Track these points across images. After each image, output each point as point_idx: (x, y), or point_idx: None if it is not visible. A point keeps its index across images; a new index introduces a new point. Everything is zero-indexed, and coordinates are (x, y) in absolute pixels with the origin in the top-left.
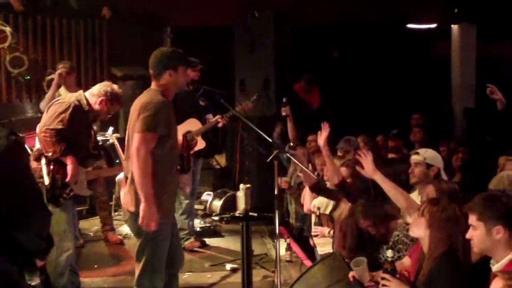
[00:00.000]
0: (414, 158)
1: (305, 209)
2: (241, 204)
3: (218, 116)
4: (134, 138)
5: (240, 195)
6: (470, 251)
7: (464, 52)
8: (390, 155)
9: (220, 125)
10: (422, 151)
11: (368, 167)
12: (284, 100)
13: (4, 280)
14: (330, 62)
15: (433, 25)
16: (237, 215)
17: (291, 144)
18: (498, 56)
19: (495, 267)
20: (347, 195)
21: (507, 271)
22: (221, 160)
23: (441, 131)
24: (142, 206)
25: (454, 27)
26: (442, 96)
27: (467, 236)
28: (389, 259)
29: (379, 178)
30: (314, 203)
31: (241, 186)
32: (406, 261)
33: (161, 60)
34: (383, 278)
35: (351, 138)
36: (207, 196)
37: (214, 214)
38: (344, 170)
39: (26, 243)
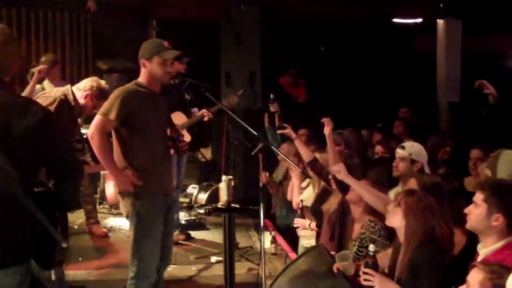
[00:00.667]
0: (399, 152)
1: (294, 205)
2: (224, 196)
3: (203, 110)
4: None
5: (223, 186)
6: (452, 243)
7: (449, 47)
8: (378, 149)
9: (206, 119)
10: (408, 145)
11: (341, 173)
12: (271, 96)
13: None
14: (316, 56)
15: (419, 20)
16: (220, 206)
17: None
18: (483, 50)
19: (484, 251)
20: (341, 187)
21: (488, 263)
22: (206, 153)
23: (426, 125)
24: (114, 181)
25: (440, 21)
26: (428, 90)
27: (466, 210)
28: (371, 253)
29: (353, 182)
30: (301, 196)
31: (224, 177)
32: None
33: (140, 50)
34: (365, 273)
35: (343, 132)
36: (192, 189)
37: (196, 205)
38: None
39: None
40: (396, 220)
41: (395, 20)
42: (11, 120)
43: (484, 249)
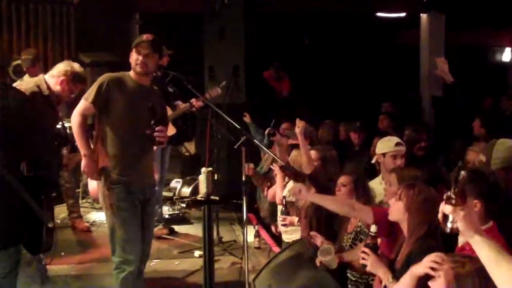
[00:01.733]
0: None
1: (278, 201)
2: (203, 188)
3: (193, 100)
4: None
5: (202, 178)
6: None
7: (432, 41)
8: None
9: (194, 108)
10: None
11: (304, 195)
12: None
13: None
14: (300, 50)
15: (402, 14)
16: (199, 199)
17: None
18: (466, 44)
19: (461, 240)
20: (317, 185)
21: (451, 254)
22: (190, 147)
23: (409, 119)
24: (83, 161)
25: (423, 16)
26: (411, 84)
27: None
28: (372, 234)
29: (317, 199)
30: (284, 192)
31: (203, 170)
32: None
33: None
34: (363, 252)
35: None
36: (176, 183)
37: (175, 198)
38: (314, 153)
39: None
40: (399, 214)
41: (379, 14)
42: None
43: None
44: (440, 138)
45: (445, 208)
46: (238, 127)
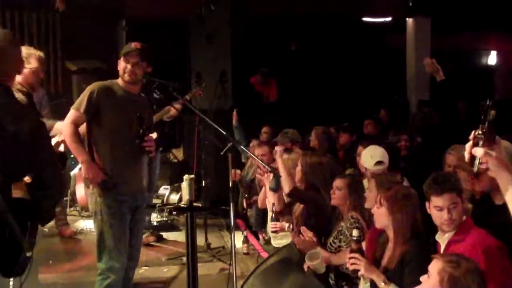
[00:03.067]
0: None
1: (268, 207)
2: (185, 195)
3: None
4: None
5: (184, 185)
6: None
7: (419, 45)
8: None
9: (172, 113)
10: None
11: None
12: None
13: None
14: (287, 55)
15: (388, 18)
16: (182, 206)
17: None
18: (452, 48)
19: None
20: (300, 201)
21: (446, 254)
22: (178, 154)
23: (396, 123)
24: (82, 168)
25: (409, 20)
26: (398, 88)
27: (452, 215)
28: (355, 239)
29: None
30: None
31: (185, 177)
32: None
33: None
34: (351, 258)
35: (289, 131)
36: (164, 190)
37: (158, 205)
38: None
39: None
40: (382, 219)
41: (365, 19)
42: (6, 121)
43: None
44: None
45: (476, 150)
46: (224, 133)
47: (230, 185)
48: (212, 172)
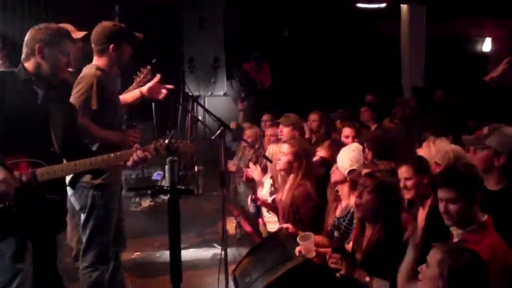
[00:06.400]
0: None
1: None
2: (168, 177)
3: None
4: None
5: (167, 167)
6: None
7: (413, 31)
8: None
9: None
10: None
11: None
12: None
13: None
14: (280, 41)
15: (383, 5)
16: (164, 188)
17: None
18: (447, 34)
19: (457, 233)
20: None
21: (446, 244)
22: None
23: (390, 110)
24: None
25: (403, 6)
26: (392, 74)
27: (447, 209)
28: (336, 239)
29: None
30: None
31: (168, 159)
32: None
33: (103, 34)
34: (332, 258)
35: (291, 115)
36: (157, 175)
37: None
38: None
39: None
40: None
41: (359, 5)
42: None
43: (458, 231)
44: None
45: None
46: (215, 117)
47: (221, 169)
48: (205, 158)
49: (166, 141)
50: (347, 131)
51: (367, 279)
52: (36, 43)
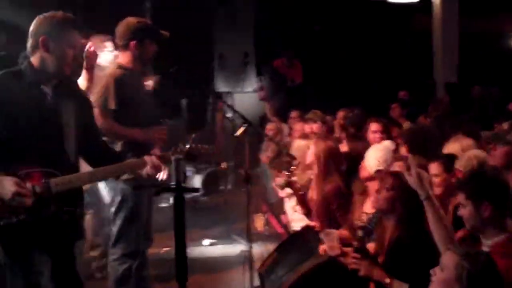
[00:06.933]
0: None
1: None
2: (173, 175)
3: None
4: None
5: (173, 166)
6: None
7: (446, 27)
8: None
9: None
10: None
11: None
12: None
13: None
14: (311, 36)
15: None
16: (170, 186)
17: None
18: (480, 30)
19: (487, 244)
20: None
21: (462, 246)
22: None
23: (423, 106)
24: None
25: (436, 1)
26: (425, 70)
27: (459, 213)
28: (358, 238)
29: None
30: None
31: (173, 158)
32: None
33: (126, 31)
34: (353, 257)
35: (317, 112)
36: (187, 171)
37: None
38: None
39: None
40: (385, 203)
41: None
42: None
43: (487, 241)
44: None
45: None
46: (241, 114)
47: (247, 167)
48: (232, 156)
49: (187, 147)
50: (374, 126)
51: (387, 280)
52: (40, 36)
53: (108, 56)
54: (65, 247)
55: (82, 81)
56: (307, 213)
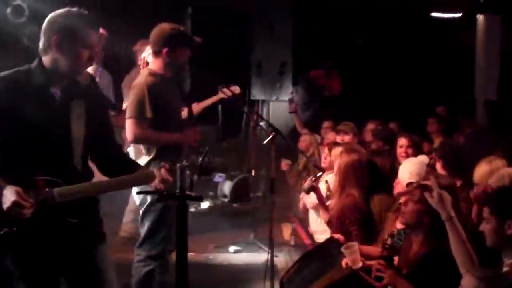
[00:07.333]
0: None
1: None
2: (177, 182)
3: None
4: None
5: (177, 174)
6: None
7: (488, 43)
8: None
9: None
10: None
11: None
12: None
13: None
14: (352, 48)
15: (458, 14)
16: (174, 193)
17: None
18: None
19: (507, 263)
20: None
21: (482, 269)
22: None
23: (461, 122)
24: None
25: (480, 17)
26: (465, 87)
27: (480, 228)
28: (387, 247)
29: None
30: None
31: (178, 164)
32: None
33: (159, 37)
34: (378, 264)
35: (349, 123)
36: (218, 178)
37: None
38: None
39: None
40: (413, 216)
41: (434, 14)
42: None
43: (509, 260)
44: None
45: None
46: (270, 123)
47: (272, 175)
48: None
49: (199, 160)
50: (401, 141)
51: None
52: (53, 35)
53: None
54: (80, 257)
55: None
56: (328, 222)
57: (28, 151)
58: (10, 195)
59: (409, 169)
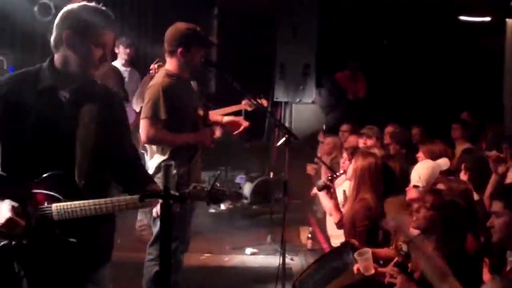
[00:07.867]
0: None
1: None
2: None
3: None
4: (141, 123)
5: (162, 173)
6: None
7: None
8: None
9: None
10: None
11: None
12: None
13: None
14: (378, 49)
15: (487, 18)
16: (159, 193)
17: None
18: None
19: (510, 260)
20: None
21: (504, 277)
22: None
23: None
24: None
25: (509, 21)
26: (493, 92)
27: (488, 223)
28: (402, 253)
29: None
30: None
31: (162, 164)
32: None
33: (174, 36)
34: (391, 271)
35: (373, 127)
36: (240, 179)
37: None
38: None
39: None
40: (427, 222)
41: (462, 17)
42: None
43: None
44: None
45: None
46: (285, 126)
47: (285, 178)
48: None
49: (208, 187)
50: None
51: None
52: (65, 30)
53: None
54: (73, 278)
55: None
56: (339, 222)
57: (28, 158)
58: (5, 212)
59: (419, 172)
